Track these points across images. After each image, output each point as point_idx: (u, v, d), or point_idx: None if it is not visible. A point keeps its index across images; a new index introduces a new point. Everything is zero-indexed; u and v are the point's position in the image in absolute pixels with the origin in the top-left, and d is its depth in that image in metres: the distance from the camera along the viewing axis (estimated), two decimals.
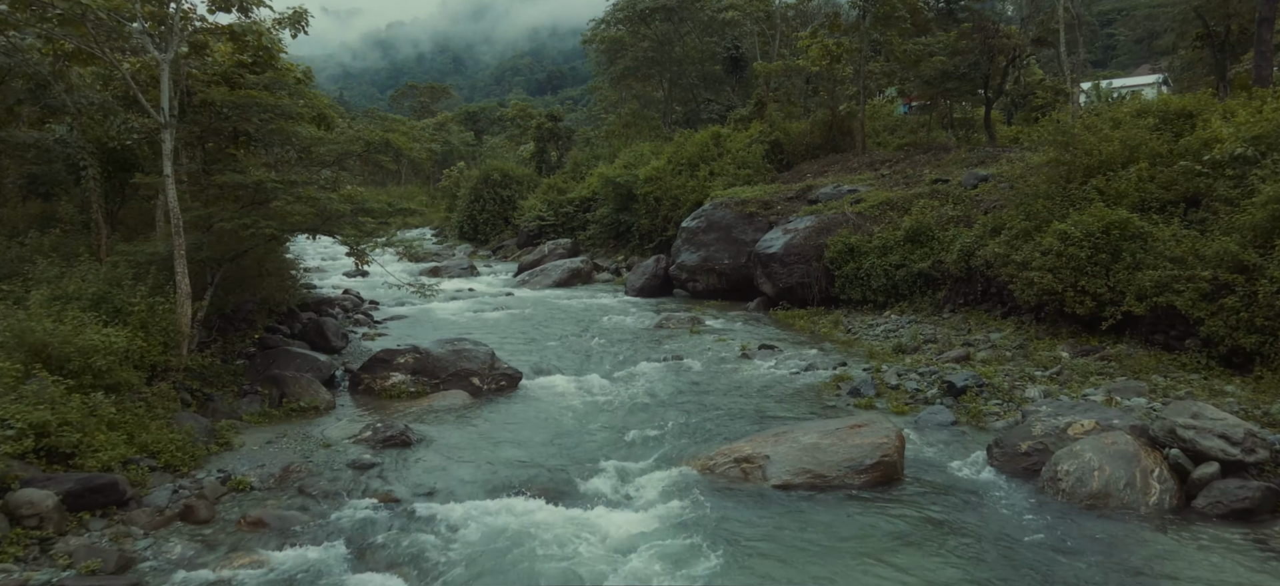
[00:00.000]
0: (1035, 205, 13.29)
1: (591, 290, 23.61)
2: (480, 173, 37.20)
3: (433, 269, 26.95)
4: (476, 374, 11.41)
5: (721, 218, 21.18)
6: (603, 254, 30.32)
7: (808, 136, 27.08)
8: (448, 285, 24.33)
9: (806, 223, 18.61)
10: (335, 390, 11.35)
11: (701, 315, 18.00)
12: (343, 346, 13.12)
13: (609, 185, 29.85)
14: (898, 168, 21.57)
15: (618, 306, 20.16)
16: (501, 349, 14.48)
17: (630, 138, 39.02)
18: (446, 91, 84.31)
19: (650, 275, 22.21)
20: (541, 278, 25.03)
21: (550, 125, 41.64)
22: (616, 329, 16.73)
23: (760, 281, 18.97)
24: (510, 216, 35.79)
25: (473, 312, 19.21)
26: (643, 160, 30.42)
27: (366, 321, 17.13)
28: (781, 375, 12.30)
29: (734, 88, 36.98)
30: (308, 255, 33.59)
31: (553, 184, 34.89)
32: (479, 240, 36.49)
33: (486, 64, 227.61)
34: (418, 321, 17.86)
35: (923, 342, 13.25)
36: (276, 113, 10.45)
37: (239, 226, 9.55)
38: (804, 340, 14.95)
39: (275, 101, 10.37)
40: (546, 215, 32.94)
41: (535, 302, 20.98)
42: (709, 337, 15.38)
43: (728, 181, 25.27)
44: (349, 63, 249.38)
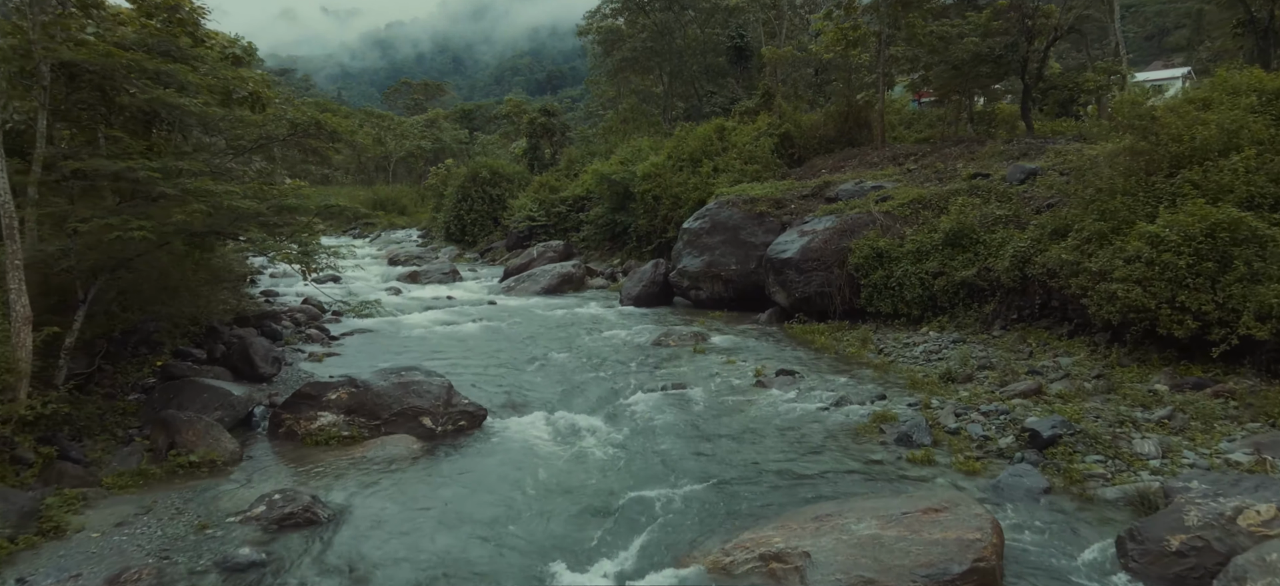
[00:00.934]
0: (1111, 202, 10.97)
1: (583, 298, 21.31)
2: (468, 170, 34.91)
3: (411, 273, 24.68)
4: (428, 413, 9.11)
5: (728, 218, 18.88)
6: (597, 257, 28.02)
7: (821, 129, 24.78)
8: (424, 292, 22.08)
9: (826, 224, 16.31)
10: (250, 434, 9.06)
11: (706, 330, 15.70)
12: (273, 373, 10.85)
13: (604, 183, 27.56)
14: (925, 162, 19.27)
15: (611, 318, 17.86)
16: (470, 373, 12.21)
17: (628, 134, 36.80)
18: (441, 89, 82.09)
19: (648, 282, 19.91)
20: (529, 284, 22.74)
21: (543, 120, 39.35)
22: (608, 347, 14.43)
23: (773, 290, 16.67)
24: (500, 217, 33.52)
25: (446, 325, 16.92)
26: (641, 156, 28.13)
27: (320, 338, 14.83)
28: (806, 411, 10.01)
29: (739, 79, 34.69)
30: None
31: (545, 181, 32.59)
32: (466, 242, 34.21)
33: (486, 64, 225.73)
34: (381, 337, 15.56)
35: (976, 369, 10.94)
36: (156, 80, 8.17)
37: (101, 228, 7.28)
38: (829, 363, 12.64)
39: (155, 66, 8.10)
40: (537, 215, 30.65)
41: (519, 313, 18.68)
42: (716, 358, 13.09)
43: (734, 178, 22.99)
44: (348, 63, 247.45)
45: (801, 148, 24.68)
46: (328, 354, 13.48)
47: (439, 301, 20.52)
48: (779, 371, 11.74)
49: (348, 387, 9.07)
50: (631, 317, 17.86)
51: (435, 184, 39.77)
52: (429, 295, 21.55)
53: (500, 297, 21.59)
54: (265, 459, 8.33)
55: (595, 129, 43.77)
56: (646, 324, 16.88)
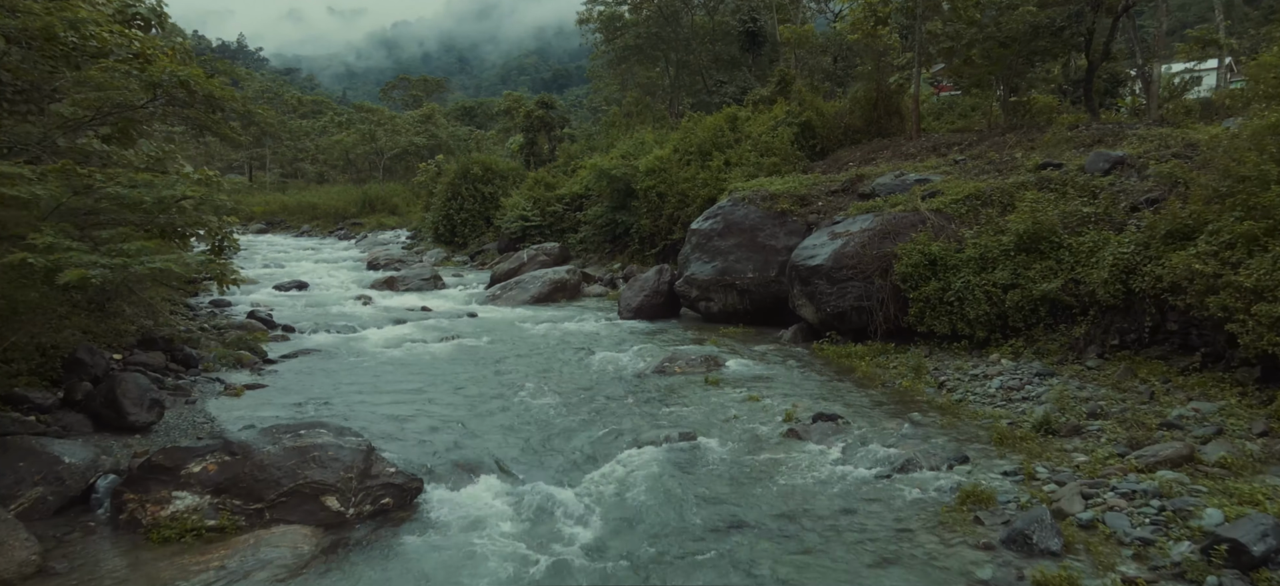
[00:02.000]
0: (1264, 196, 8.25)
1: (577, 309, 18.65)
2: (458, 166, 32.32)
3: (387, 279, 22.07)
4: (335, 490, 6.47)
5: (743, 217, 16.21)
6: (595, 261, 25.38)
7: (846, 118, 22.08)
8: (398, 301, 19.47)
9: (862, 224, 13.62)
10: (78, 523, 6.43)
11: (719, 351, 13.05)
12: (150, 422, 8.22)
13: (603, 179, 24.93)
14: (975, 151, 16.56)
15: (607, 335, 15.21)
16: (420, 414, 9.56)
17: (631, 128, 34.24)
18: (441, 85, 79.67)
19: (650, 291, 17.24)
20: (516, 292, 20.10)
21: (541, 113, 36.74)
22: (600, 375, 11.77)
23: (798, 303, 14.00)
24: (492, 216, 30.93)
25: (413, 343, 14.30)
26: (644, 149, 25.52)
27: (253, 362, 12.21)
28: (861, 480, 7.33)
29: (751, 67, 32.01)
30: (278, 253, 28.99)
31: (540, 178, 29.97)
32: (456, 243, 31.62)
33: (492, 63, 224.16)
34: (328, 361, 12.94)
35: (1084, 417, 8.23)
36: None
37: None
38: (877, 401, 9.95)
39: None
40: (531, 215, 28.03)
41: (500, 328, 16.04)
42: (733, 393, 10.42)
43: (748, 172, 20.33)
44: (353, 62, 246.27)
45: (824, 138, 21.99)
46: (250, 385, 10.84)
47: (412, 313, 17.91)
48: (817, 416, 9.05)
49: (220, 454, 6.43)
50: (631, 335, 15.20)
51: (424, 181, 37.21)
52: (402, 305, 18.94)
53: (483, 308, 18.96)
54: (80, 572, 5.70)
55: (597, 124, 41.16)
56: (648, 343, 14.21)
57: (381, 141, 47.70)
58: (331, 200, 45.09)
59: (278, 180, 58.28)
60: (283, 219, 44.71)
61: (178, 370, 11.09)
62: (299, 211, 44.59)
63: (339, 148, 49.62)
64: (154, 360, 10.85)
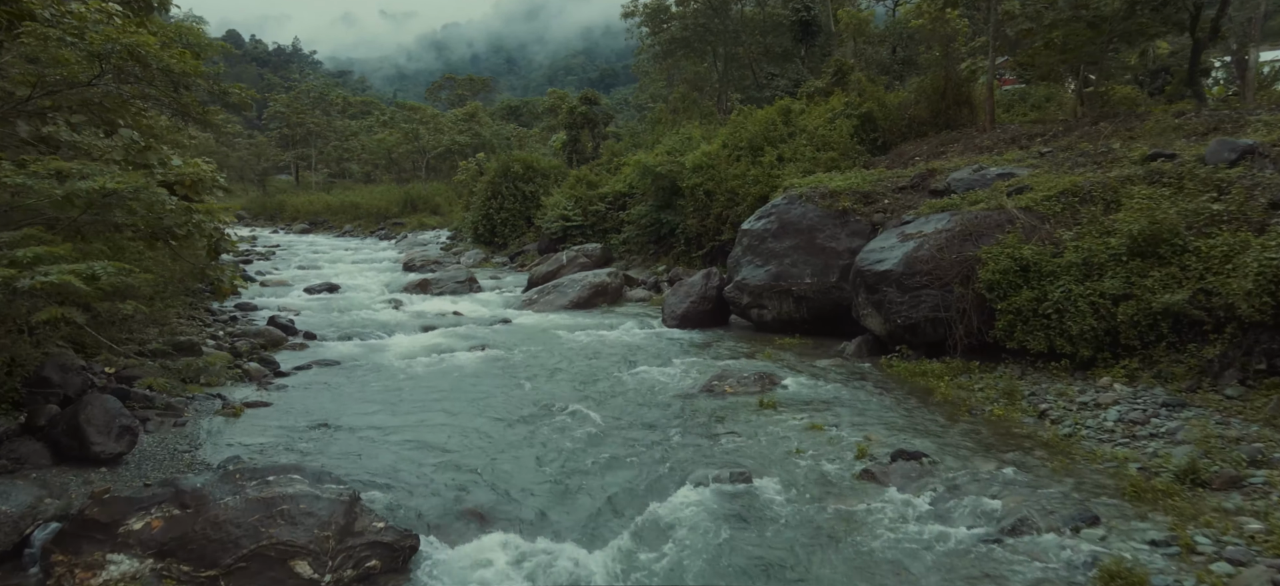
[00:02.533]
0: None
1: (618, 315, 17.35)
2: (498, 164, 31.33)
3: (421, 282, 21.08)
4: (307, 552, 5.25)
5: (800, 216, 14.72)
6: (639, 264, 24.07)
7: (910, 109, 20.36)
8: (429, 306, 18.41)
9: (938, 225, 12.03)
10: (11, 581, 5.33)
11: (775, 367, 11.63)
12: (120, 452, 7.11)
13: (647, 176, 23.60)
14: (1061, 142, 14.78)
15: (650, 346, 13.87)
16: (430, 442, 8.34)
17: (678, 124, 32.92)
18: (487, 85, 79.28)
19: (697, 297, 15.84)
20: (555, 297, 18.88)
21: (584, 109, 35.55)
22: (641, 394, 10.43)
23: (863, 313, 12.47)
24: (533, 216, 29.85)
25: (439, 354, 13.15)
26: (690, 145, 24.12)
27: (261, 375, 11.16)
28: (960, 544, 5.86)
29: (804, 58, 30.35)
30: (315, 250, 28.32)
31: (582, 176, 28.77)
32: (496, 244, 30.63)
33: (539, 64, 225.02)
34: (345, 373, 11.85)
35: (1240, 464, 6.60)
36: None
37: None
38: (966, 433, 8.41)
39: None
40: (572, 215, 26.84)
41: (535, 337, 14.82)
42: (793, 419, 8.98)
43: (804, 168, 18.81)
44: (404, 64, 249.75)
45: (886, 131, 20.31)
46: (252, 403, 9.76)
47: (443, 319, 16.82)
48: (897, 453, 7.57)
49: (168, 506, 5.25)
50: (676, 346, 13.83)
51: (465, 180, 36.35)
52: (434, 310, 17.87)
53: (518, 313, 17.78)
54: None
55: (642, 121, 39.85)
56: (695, 355, 12.84)
57: (425, 140, 47.12)
58: (374, 200, 44.65)
59: (324, 180, 58.34)
60: (326, 219, 44.42)
61: (174, 386, 10.07)
62: (342, 211, 44.24)
63: (382, 147, 49.20)
64: (150, 374, 9.85)
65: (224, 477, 5.63)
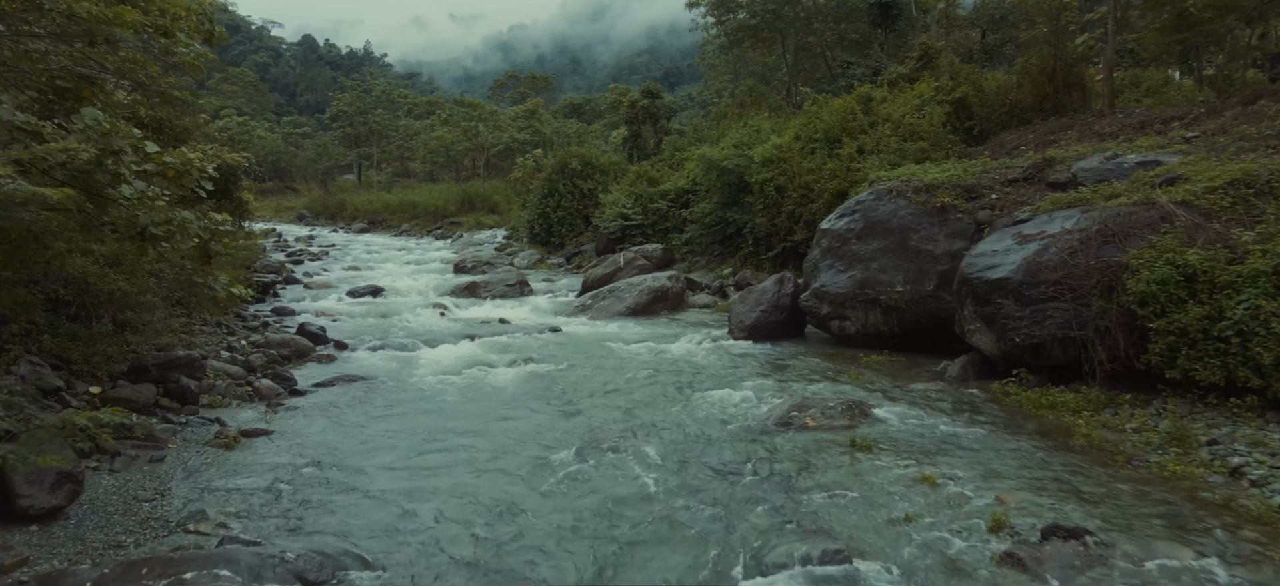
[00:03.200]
0: None
1: (679, 325, 15.63)
2: (555, 161, 29.97)
3: (469, 285, 19.76)
4: None
5: (890, 214, 12.75)
6: (702, 265, 22.32)
7: (1011, 94, 18.04)
8: (476, 311, 17.03)
9: (1067, 222, 9.95)
10: None
11: (863, 392, 9.78)
12: (56, 506, 5.71)
13: (712, 171, 21.83)
14: (1208, 125, 12.42)
15: (716, 362, 12.12)
16: (450, 484, 6.80)
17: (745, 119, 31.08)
18: (550, 83, 78.55)
19: (769, 305, 14.00)
20: (610, 302, 17.28)
21: (646, 103, 33.93)
22: (705, 428, 8.70)
23: (969, 328, 10.46)
24: (591, 215, 28.37)
25: (477, 369, 11.68)
26: (759, 137, 22.23)
27: (272, 393, 9.84)
28: None
29: (884, 44, 28.08)
30: (356, 250, 27.50)
31: (642, 173, 27.15)
32: (552, 244, 29.26)
33: (603, 63, 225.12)
34: (370, 391, 10.45)
35: None
36: None
37: None
38: (1133, 495, 6.41)
39: None
40: (631, 213, 25.23)
41: (587, 349, 13.24)
42: (896, 467, 7.13)
43: (888, 160, 16.77)
44: (471, 66, 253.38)
45: (983, 119, 18.07)
46: (252, 431, 8.39)
47: (488, 326, 15.40)
48: (1049, 529, 5.65)
49: None
50: (745, 362, 12.04)
51: (521, 177, 35.15)
52: (479, 317, 16.48)
53: (570, 321, 16.25)
54: None
55: (706, 117, 38.04)
56: (768, 375, 11.04)
57: (484, 138, 46.25)
58: (432, 199, 43.96)
59: (387, 180, 58.29)
60: (384, 218, 43.96)
61: (170, 406, 8.81)
62: (400, 210, 43.70)
63: (440, 144, 48.57)
64: (141, 395, 8.60)
65: (124, 574, 4.14)
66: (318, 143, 58.58)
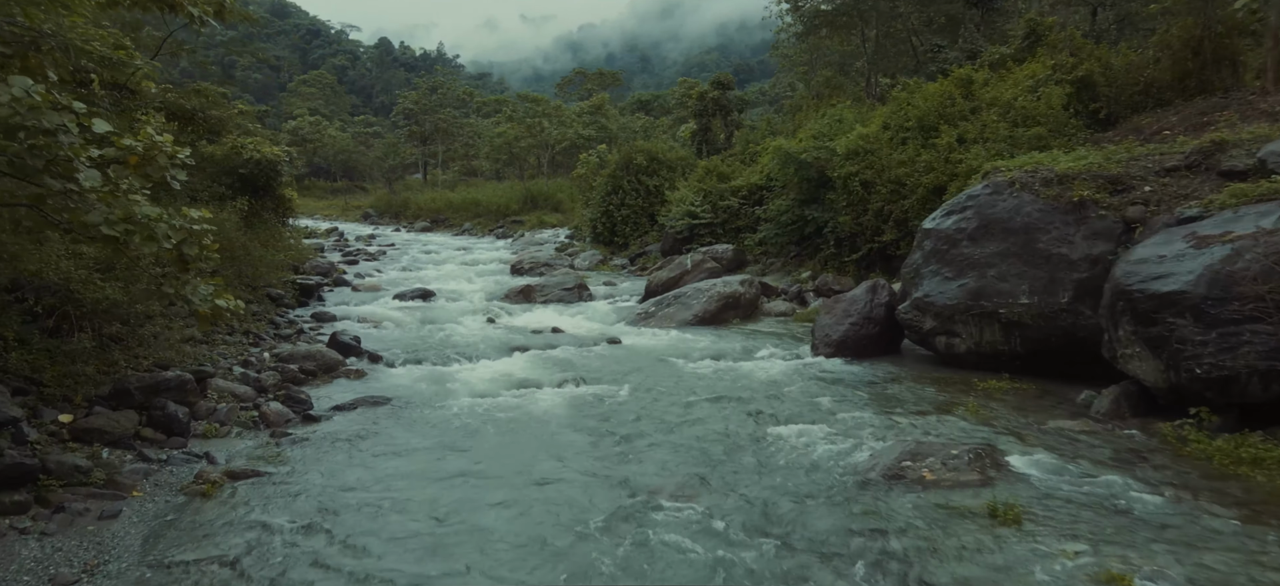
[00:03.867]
0: None
1: (753, 337, 13.79)
2: (620, 156, 28.38)
3: (524, 288, 18.30)
4: None
5: (1011, 210, 10.63)
6: (777, 268, 20.38)
7: (1146, 71, 15.53)
8: (528, 318, 15.54)
9: (1266, 219, 7.75)
10: None
11: (988, 432, 7.79)
12: None
13: (789, 165, 19.87)
14: None
15: (798, 384, 10.25)
16: (465, 559, 5.17)
17: (822, 111, 28.91)
18: (617, 79, 77.29)
19: (860, 317, 12.02)
20: (675, 310, 15.55)
21: (716, 95, 32.03)
22: (789, 479, 6.86)
23: (1125, 352, 8.33)
24: (656, 213, 26.69)
25: (521, 390, 10.12)
26: (842, 127, 20.16)
27: (282, 419, 8.45)
28: None
29: (980, 25, 25.51)
30: (430, 251, 26.44)
31: (711, 168, 25.31)
32: (616, 244, 27.69)
33: (673, 61, 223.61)
34: (395, 418, 8.98)
35: None
36: None
37: None
38: None
39: None
40: (700, 210, 23.43)
41: (647, 367, 11.54)
42: (1065, 556, 5.18)
43: (997, 149, 14.58)
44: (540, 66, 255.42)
45: (1110, 100, 15.61)
46: (241, 472, 6.95)
47: (540, 336, 13.87)
48: None
49: None
50: (835, 386, 10.13)
51: (584, 174, 33.69)
52: (531, 325, 14.97)
53: (630, 330, 14.58)
54: None
55: (779, 111, 35.89)
56: (864, 405, 9.12)
57: (548, 133, 45.07)
58: (495, 197, 43.01)
59: (453, 178, 57.91)
60: (447, 216, 43.21)
61: (154, 438, 7.47)
62: (462, 209, 42.89)
63: (503, 140, 47.62)
64: (118, 425, 7.27)
65: None
66: (386, 142, 58.61)
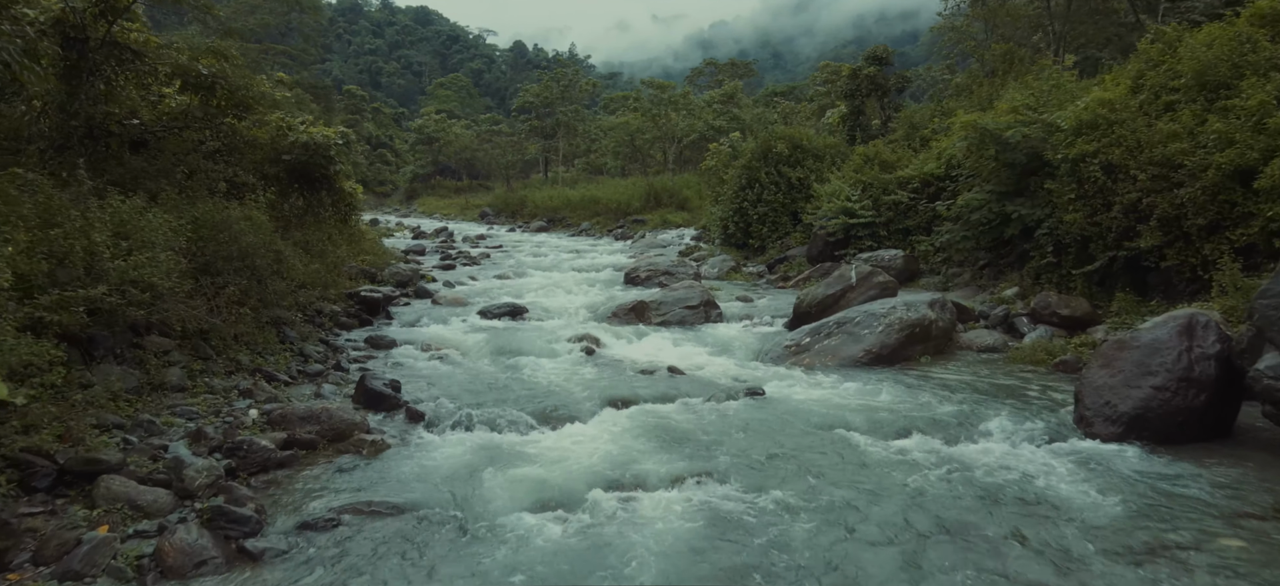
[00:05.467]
0: None
1: (961, 393, 9.27)
2: (756, 144, 24.09)
3: (635, 305, 14.46)
4: None
5: None
6: (964, 282, 15.60)
7: None
8: (637, 350, 11.72)
9: None
10: None
11: None
12: None
13: (986, 146, 15.02)
14: None
15: (1076, 499, 5.77)
16: None
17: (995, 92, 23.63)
18: (749, 69, 72.58)
19: (1171, 376, 7.29)
20: (839, 341, 11.25)
21: (872, 71, 27.10)
22: None
23: None
24: (801, 211, 22.29)
25: (614, 495, 6.22)
26: (1063, 95, 15.12)
27: (191, 560, 4.92)
28: None
29: None
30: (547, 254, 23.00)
31: (872, 155, 20.61)
32: (751, 247, 23.48)
33: (806, 56, 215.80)
34: (402, 555, 5.29)
35: None
36: None
37: None
38: None
39: None
40: (858, 207, 18.85)
41: (809, 443, 7.36)
42: None
43: None
44: (671, 64, 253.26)
45: None
46: None
47: (651, 378, 9.99)
48: None
49: None
50: (1154, 509, 5.57)
51: (714, 165, 29.57)
52: (642, 358, 11.09)
53: (776, 371, 10.44)
54: None
55: (946, 89, 30.42)
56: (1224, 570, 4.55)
57: (674, 124, 41.15)
58: (615, 195, 39.63)
59: (575, 175, 55.34)
60: (564, 215, 40.25)
61: None
62: (581, 207, 39.79)
63: (625, 131, 44.11)
64: None
65: None
66: (506, 135, 56.99)
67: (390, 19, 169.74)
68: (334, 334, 12.28)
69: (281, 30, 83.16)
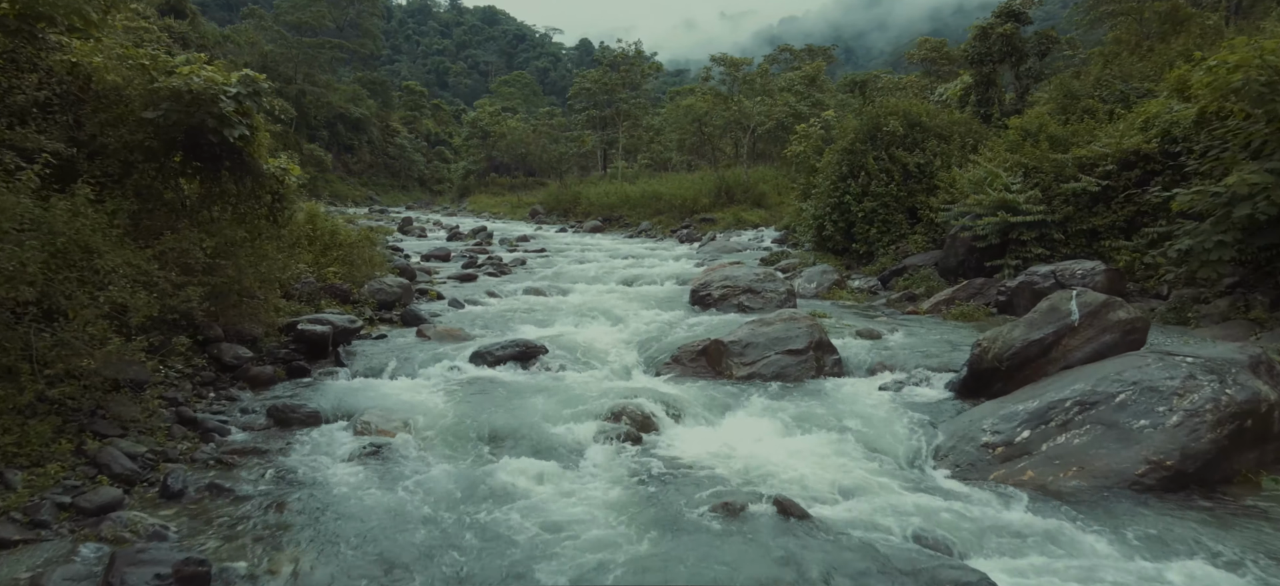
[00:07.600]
0: None
1: None
2: (861, 123, 18.73)
3: (706, 348, 9.41)
4: None
5: None
6: (1219, 314, 10.04)
7: None
8: (714, 437, 6.60)
9: None
10: None
11: None
12: None
13: (1249, 96, 9.45)
14: None
15: None
16: None
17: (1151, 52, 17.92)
18: (827, 54, 66.38)
19: None
20: (1091, 438, 6.01)
21: (1006, 29, 21.39)
22: None
23: None
24: (920, 208, 16.92)
25: None
26: None
27: None
28: None
29: None
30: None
31: (1037, 127, 15.07)
32: (854, 253, 18.20)
33: (879, 51, 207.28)
34: None
35: None
36: None
37: None
38: None
39: None
40: (1022, 200, 13.39)
41: None
42: None
43: None
44: None
45: None
46: None
47: (747, 519, 4.99)
48: None
49: None
50: None
51: (802, 151, 24.25)
52: (724, 464, 6.11)
53: (984, 504, 5.30)
54: None
55: (1095, 49, 24.38)
56: None
57: (748, 111, 35.88)
58: (679, 190, 34.61)
59: (637, 169, 50.54)
60: (622, 213, 35.42)
61: None
62: (641, 204, 34.89)
63: (690, 115, 38.91)
64: None
65: None
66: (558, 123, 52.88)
67: (458, 19, 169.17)
68: (226, 395, 7.71)
69: (340, 26, 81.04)
